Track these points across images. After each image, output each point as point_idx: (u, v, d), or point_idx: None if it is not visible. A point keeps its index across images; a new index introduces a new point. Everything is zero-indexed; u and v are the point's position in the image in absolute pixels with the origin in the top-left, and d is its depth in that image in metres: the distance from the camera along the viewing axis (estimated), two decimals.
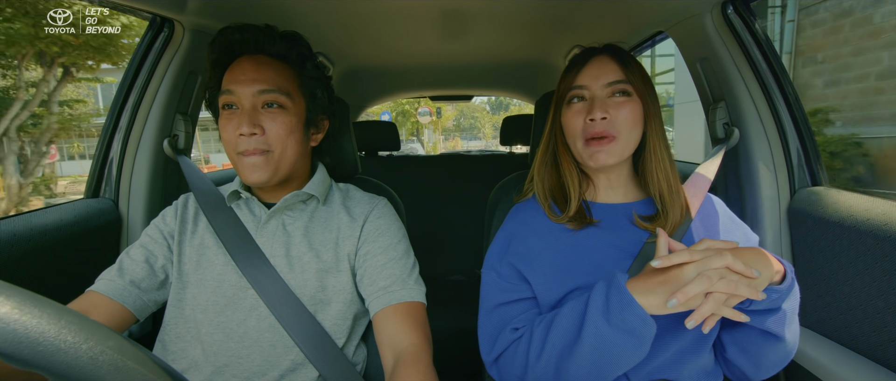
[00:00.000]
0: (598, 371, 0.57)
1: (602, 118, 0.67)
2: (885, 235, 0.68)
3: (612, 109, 0.67)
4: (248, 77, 0.70)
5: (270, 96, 0.70)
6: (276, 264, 0.72)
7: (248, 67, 0.71)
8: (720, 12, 0.91)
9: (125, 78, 1.00)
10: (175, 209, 0.79)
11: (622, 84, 0.67)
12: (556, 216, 0.72)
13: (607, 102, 0.68)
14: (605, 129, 0.67)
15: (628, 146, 0.69)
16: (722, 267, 0.51)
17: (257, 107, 0.70)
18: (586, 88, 0.69)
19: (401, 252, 0.76)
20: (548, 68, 1.86)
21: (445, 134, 17.69)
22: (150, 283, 0.73)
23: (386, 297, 0.71)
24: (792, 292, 0.57)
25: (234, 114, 0.70)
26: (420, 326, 0.70)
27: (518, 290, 0.70)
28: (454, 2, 1.09)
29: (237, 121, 0.69)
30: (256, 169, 0.70)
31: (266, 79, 0.70)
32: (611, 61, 0.69)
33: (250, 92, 0.70)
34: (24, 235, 0.78)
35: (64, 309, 0.26)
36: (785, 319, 0.58)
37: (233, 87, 0.70)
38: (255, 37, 0.73)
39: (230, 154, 0.72)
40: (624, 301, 0.55)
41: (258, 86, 0.70)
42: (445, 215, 2.02)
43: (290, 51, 0.75)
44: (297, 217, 0.76)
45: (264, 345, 0.69)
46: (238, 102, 0.70)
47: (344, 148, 0.96)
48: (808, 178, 0.92)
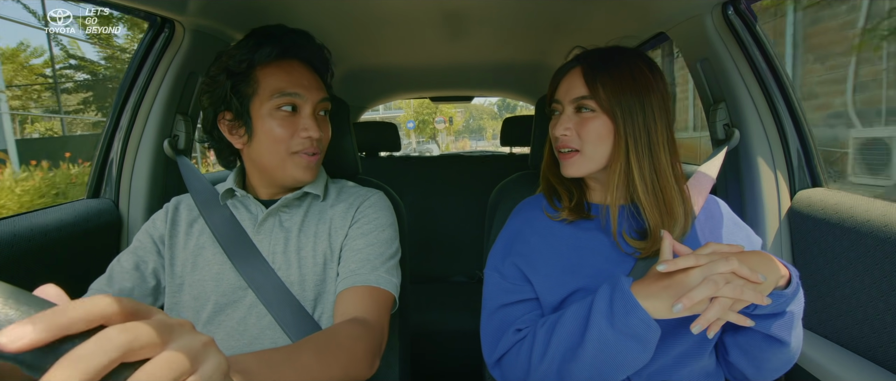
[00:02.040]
0: (600, 375, 0.57)
1: (563, 134, 0.69)
2: (885, 236, 0.68)
3: (576, 125, 0.68)
4: (312, 84, 0.74)
5: (326, 105, 0.77)
6: (274, 261, 0.72)
7: (307, 73, 0.74)
8: (720, 13, 0.91)
9: (126, 78, 1.01)
10: (165, 213, 0.79)
11: (584, 100, 0.67)
12: (553, 212, 0.73)
13: (573, 117, 0.69)
14: (566, 143, 0.69)
15: (594, 160, 0.68)
16: (727, 272, 0.51)
17: (316, 112, 0.75)
18: (558, 102, 0.72)
19: (381, 239, 0.75)
20: (548, 70, 1.86)
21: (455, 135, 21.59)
22: (141, 290, 0.73)
23: (352, 278, 0.70)
24: (797, 297, 0.57)
25: (292, 116, 0.72)
26: (379, 310, 0.68)
27: (521, 291, 0.70)
28: (455, 3, 1.09)
29: (302, 123, 0.72)
30: (310, 169, 0.75)
31: (321, 87, 0.76)
32: (578, 77, 0.69)
33: (315, 98, 0.73)
34: (25, 235, 0.78)
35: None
36: (789, 323, 0.57)
37: (300, 90, 0.72)
38: (307, 44, 0.76)
39: (278, 152, 0.72)
40: (628, 305, 0.55)
41: (321, 93, 0.75)
42: (446, 216, 2.02)
43: (326, 63, 0.80)
44: (293, 214, 0.77)
45: (265, 342, 0.69)
46: (302, 106, 0.73)
47: (344, 148, 0.96)
48: (808, 179, 0.92)
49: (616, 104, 0.65)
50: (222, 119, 0.74)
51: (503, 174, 1.12)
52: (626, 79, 0.66)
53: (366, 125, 2.15)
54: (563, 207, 0.73)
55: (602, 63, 0.68)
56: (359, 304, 0.67)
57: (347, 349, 0.57)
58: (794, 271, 0.58)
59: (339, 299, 0.69)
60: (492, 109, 26.11)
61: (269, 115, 0.71)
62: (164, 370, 0.25)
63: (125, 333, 0.25)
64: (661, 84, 0.68)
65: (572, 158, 0.69)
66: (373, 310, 0.67)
